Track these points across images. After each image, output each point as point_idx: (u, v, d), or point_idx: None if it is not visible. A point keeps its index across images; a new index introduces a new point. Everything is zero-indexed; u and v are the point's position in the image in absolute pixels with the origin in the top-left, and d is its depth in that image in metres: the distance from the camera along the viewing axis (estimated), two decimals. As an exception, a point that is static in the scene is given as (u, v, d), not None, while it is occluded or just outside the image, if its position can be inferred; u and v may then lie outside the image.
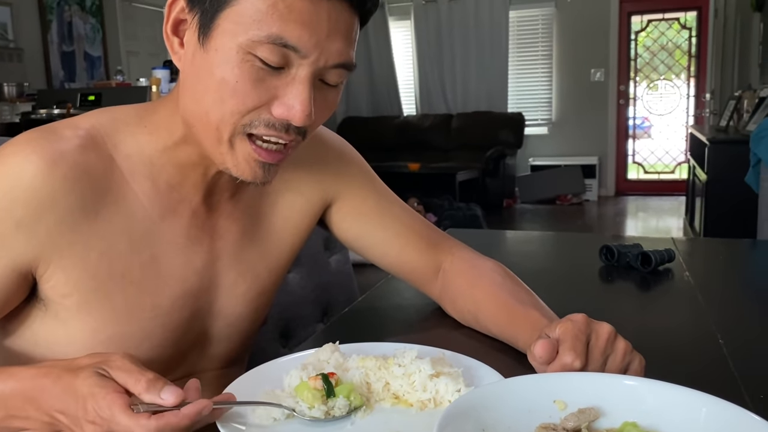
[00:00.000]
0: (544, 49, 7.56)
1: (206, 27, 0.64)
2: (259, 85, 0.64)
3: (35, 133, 0.69)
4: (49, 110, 3.69)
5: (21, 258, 0.67)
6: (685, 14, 7.14)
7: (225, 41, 0.63)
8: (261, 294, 0.85)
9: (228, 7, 0.62)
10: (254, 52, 0.62)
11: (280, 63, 0.63)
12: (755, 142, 2.20)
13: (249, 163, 0.67)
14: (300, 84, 0.64)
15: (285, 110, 0.64)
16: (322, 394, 0.63)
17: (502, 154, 6.90)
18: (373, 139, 7.73)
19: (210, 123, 0.66)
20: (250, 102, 0.64)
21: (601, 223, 6.20)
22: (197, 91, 0.67)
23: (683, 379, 0.58)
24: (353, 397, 0.64)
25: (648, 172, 7.55)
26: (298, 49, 0.62)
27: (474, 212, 5.49)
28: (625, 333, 0.69)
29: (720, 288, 1.12)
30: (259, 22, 0.61)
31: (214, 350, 0.84)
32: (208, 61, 0.64)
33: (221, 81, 0.64)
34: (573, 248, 1.49)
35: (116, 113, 0.75)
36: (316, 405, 0.62)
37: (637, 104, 7.43)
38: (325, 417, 0.62)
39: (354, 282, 1.46)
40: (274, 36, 0.61)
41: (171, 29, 0.68)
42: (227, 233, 0.80)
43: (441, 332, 0.89)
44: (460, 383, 0.65)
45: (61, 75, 5.99)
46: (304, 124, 0.65)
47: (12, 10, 5.50)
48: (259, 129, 0.65)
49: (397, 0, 7.88)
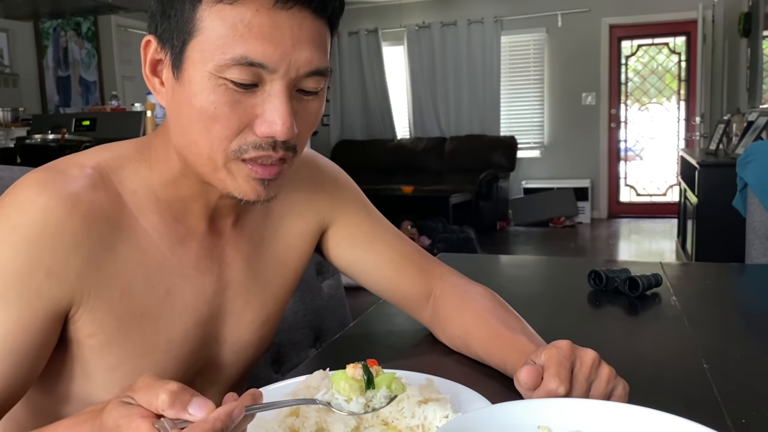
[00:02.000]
0: (535, 74, 7.65)
1: (178, 61, 0.66)
2: (237, 108, 0.65)
3: (44, 174, 0.68)
4: (44, 135, 3.70)
5: (57, 305, 0.67)
6: (674, 39, 7.26)
7: (196, 71, 0.64)
8: (267, 321, 0.86)
9: (193, 38, 0.64)
10: (224, 75, 0.63)
11: (252, 80, 0.64)
12: (741, 167, 2.23)
13: (249, 183, 0.68)
14: (276, 98, 0.65)
15: (267, 127, 0.65)
16: (360, 384, 0.59)
17: (495, 177, 6.95)
18: (367, 162, 7.78)
19: (202, 154, 0.67)
20: (233, 125, 0.65)
21: (594, 245, 6.23)
22: (182, 124, 0.68)
23: (667, 403, 0.59)
24: (395, 386, 0.60)
25: (640, 194, 7.60)
26: (265, 65, 0.63)
27: (467, 235, 5.52)
28: (611, 357, 0.70)
29: (706, 312, 1.14)
30: (223, 46, 0.62)
31: (219, 376, 0.85)
32: (185, 94, 0.66)
33: (200, 110, 0.65)
34: (563, 273, 1.51)
35: (117, 150, 0.75)
36: (354, 397, 0.58)
37: (629, 127, 7.51)
38: (364, 410, 0.59)
39: (346, 307, 1.46)
40: (239, 57, 0.62)
41: (150, 70, 0.70)
42: (234, 261, 0.81)
43: (430, 358, 0.90)
44: (447, 409, 0.66)
45: (57, 100, 6.02)
46: (288, 137, 0.66)
47: (8, 36, 5.55)
48: (250, 153, 0.66)
49: (390, 25, 7.99)
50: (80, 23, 6.14)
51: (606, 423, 0.59)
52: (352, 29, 8.17)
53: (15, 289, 0.64)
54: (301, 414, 0.66)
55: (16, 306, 0.64)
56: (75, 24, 6.12)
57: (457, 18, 7.70)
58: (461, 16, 7.69)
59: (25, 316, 0.65)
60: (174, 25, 0.65)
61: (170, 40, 0.66)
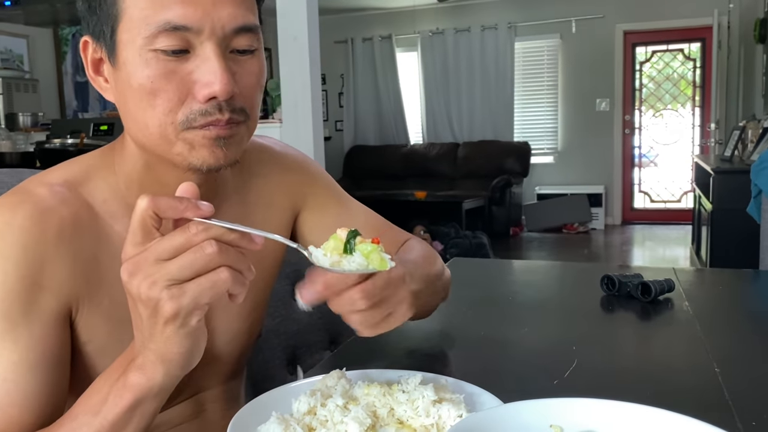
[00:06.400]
0: (549, 80, 7.65)
1: (111, 49, 0.67)
2: (173, 77, 0.65)
3: (13, 197, 0.70)
4: (63, 139, 3.76)
5: (59, 314, 0.70)
6: (689, 45, 7.23)
7: (129, 51, 0.66)
8: (254, 309, 0.88)
9: (120, 21, 0.65)
10: (154, 47, 0.64)
11: (181, 46, 0.64)
12: (756, 173, 2.23)
13: (206, 147, 0.68)
14: (208, 60, 0.65)
15: (205, 88, 0.65)
16: (339, 245, 0.62)
17: (508, 183, 6.95)
18: (380, 168, 7.80)
19: (153, 133, 0.68)
20: (173, 96, 0.66)
21: (607, 251, 6.20)
22: (129, 110, 0.69)
23: (678, 405, 0.60)
24: (374, 257, 0.62)
25: (654, 201, 7.56)
26: (188, 26, 0.64)
27: (480, 240, 5.51)
28: (623, 361, 0.71)
29: (718, 318, 1.15)
30: (146, 19, 0.64)
31: (215, 368, 0.87)
32: (124, 77, 0.67)
33: (140, 88, 0.66)
34: (575, 278, 1.51)
35: (83, 162, 0.77)
36: (329, 254, 0.61)
37: (643, 133, 7.48)
38: (331, 266, 0.61)
39: (360, 310, 1.48)
40: (163, 23, 0.63)
41: (93, 71, 0.71)
42: None
43: (444, 359, 0.92)
44: (461, 409, 0.67)
45: (75, 105, 6.11)
46: (228, 94, 0.66)
47: (28, 42, 5.64)
48: (198, 121, 0.66)
49: (404, 32, 8.01)
50: (98, 29, 6.22)
51: (618, 423, 0.60)
52: (366, 35, 8.21)
53: (16, 307, 0.66)
54: (318, 412, 0.68)
55: (23, 323, 0.67)
56: (93, 30, 6.20)
57: (471, 24, 7.72)
58: (475, 23, 7.70)
59: (35, 330, 0.67)
60: (101, 16, 0.67)
61: (102, 32, 0.68)
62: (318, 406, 0.68)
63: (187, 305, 0.55)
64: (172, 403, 0.84)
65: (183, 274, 0.55)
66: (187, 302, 0.55)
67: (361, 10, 8.13)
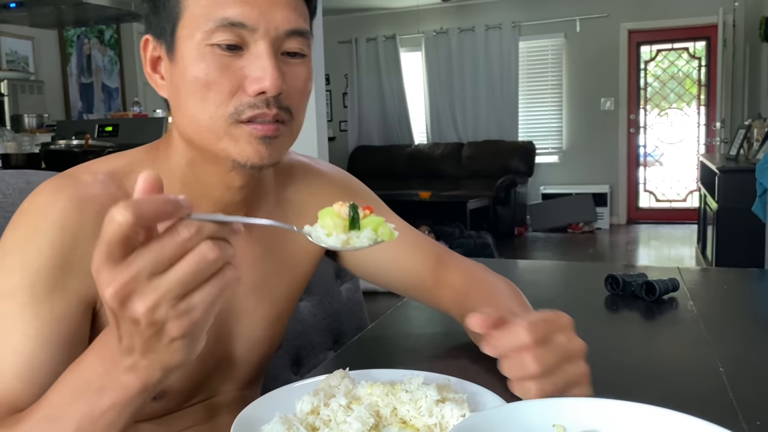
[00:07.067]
0: (554, 79, 7.64)
1: (171, 45, 0.72)
2: (226, 71, 0.69)
3: (60, 180, 0.73)
4: (68, 141, 3.77)
5: (83, 298, 0.70)
6: (694, 44, 7.21)
7: (187, 46, 0.70)
8: (278, 319, 0.88)
9: (181, 18, 0.70)
10: (210, 42, 0.69)
11: (236, 41, 0.69)
12: (761, 172, 2.22)
13: (251, 144, 0.71)
14: (260, 56, 0.69)
15: (256, 83, 0.69)
16: (345, 223, 0.58)
17: (513, 183, 6.94)
18: (385, 168, 7.80)
19: (202, 126, 0.71)
20: (225, 89, 0.69)
21: (612, 251, 6.19)
22: (182, 103, 0.72)
23: (682, 405, 0.60)
24: (382, 230, 0.58)
25: (660, 200, 7.54)
26: (245, 24, 0.68)
27: (485, 240, 5.51)
28: (627, 360, 0.71)
29: (723, 317, 1.14)
30: (206, 15, 0.69)
31: (233, 373, 0.87)
32: (180, 71, 0.71)
33: (194, 80, 0.70)
34: (580, 277, 1.51)
35: (129, 156, 0.80)
36: (335, 233, 0.57)
37: (648, 132, 7.46)
38: (342, 246, 0.58)
39: (364, 310, 1.48)
40: (220, 19, 0.68)
41: (150, 68, 0.76)
42: (245, 261, 0.83)
43: (447, 359, 0.92)
44: (464, 408, 0.67)
45: (80, 106, 6.13)
46: (276, 90, 0.69)
47: (33, 44, 5.67)
48: (246, 113, 0.70)
49: (408, 31, 8.02)
50: (103, 31, 6.25)
51: (621, 423, 0.60)
52: (370, 35, 8.22)
53: (42, 283, 0.68)
54: (321, 412, 0.68)
55: (46, 299, 0.68)
56: (98, 32, 6.23)
57: (475, 24, 7.72)
58: (479, 22, 7.70)
59: (57, 308, 0.69)
60: (164, 15, 0.72)
61: (163, 30, 0.72)
62: (321, 406, 0.68)
63: (200, 319, 0.49)
64: (185, 404, 0.85)
65: (186, 288, 0.48)
66: (200, 315, 0.49)
67: (365, 10, 8.14)
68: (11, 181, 0.97)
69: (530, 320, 0.66)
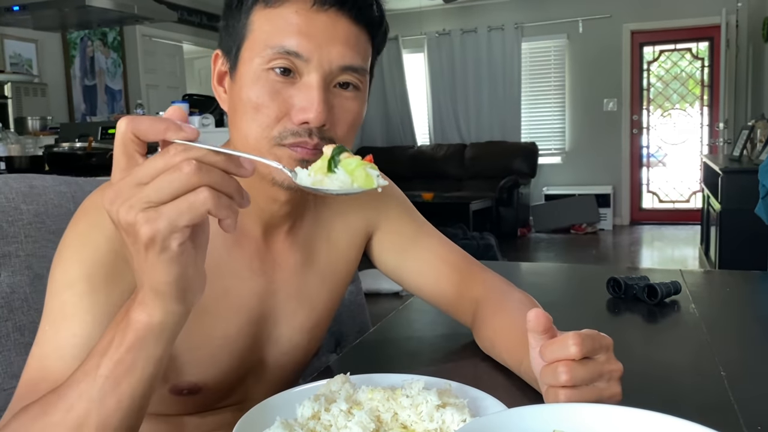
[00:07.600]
0: (556, 80, 7.63)
1: (234, 63, 0.76)
2: (276, 97, 0.73)
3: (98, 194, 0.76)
4: (72, 143, 3.78)
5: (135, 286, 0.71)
6: (697, 44, 7.20)
7: (246, 68, 0.74)
8: (317, 325, 0.90)
9: (246, 40, 0.75)
10: (267, 67, 0.73)
11: (289, 67, 0.72)
12: (764, 174, 2.21)
13: (291, 165, 0.72)
14: (310, 87, 0.72)
15: (301, 113, 0.72)
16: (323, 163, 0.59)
17: (515, 184, 6.94)
18: (387, 169, 7.62)
19: (249, 143, 0.75)
20: (272, 113, 0.73)
21: (615, 252, 6.18)
22: (236, 120, 0.76)
23: (683, 409, 0.60)
24: (359, 173, 0.59)
25: (663, 201, 7.53)
26: (299, 54, 0.72)
27: (488, 242, 5.51)
28: (628, 364, 0.71)
29: (725, 320, 1.14)
30: (267, 41, 0.73)
31: (268, 377, 0.88)
32: (237, 90, 0.75)
33: (247, 101, 0.74)
34: (582, 280, 1.51)
35: None
36: (312, 173, 0.60)
37: (651, 133, 7.45)
38: (313, 186, 0.59)
39: (366, 313, 1.48)
40: (278, 46, 0.72)
41: (217, 81, 0.81)
42: (286, 264, 0.86)
43: (448, 364, 0.92)
44: (465, 413, 0.67)
45: (83, 108, 6.15)
46: (320, 122, 0.72)
47: (37, 46, 5.68)
48: (288, 139, 0.73)
49: (410, 33, 8.02)
50: (106, 33, 6.26)
51: (621, 428, 0.60)
52: (372, 37, 8.21)
53: (100, 274, 0.71)
54: (322, 416, 0.68)
55: (102, 289, 0.71)
56: (101, 34, 6.24)
57: (478, 25, 7.72)
58: (481, 23, 7.70)
59: (114, 298, 0.71)
60: (232, 33, 0.76)
61: (230, 49, 0.77)
62: (322, 411, 0.68)
63: (164, 228, 0.52)
64: (217, 405, 0.86)
65: (160, 195, 0.51)
66: (164, 225, 0.51)
67: (367, 12, 8.13)
68: (14, 185, 0.97)
69: (581, 334, 0.67)
